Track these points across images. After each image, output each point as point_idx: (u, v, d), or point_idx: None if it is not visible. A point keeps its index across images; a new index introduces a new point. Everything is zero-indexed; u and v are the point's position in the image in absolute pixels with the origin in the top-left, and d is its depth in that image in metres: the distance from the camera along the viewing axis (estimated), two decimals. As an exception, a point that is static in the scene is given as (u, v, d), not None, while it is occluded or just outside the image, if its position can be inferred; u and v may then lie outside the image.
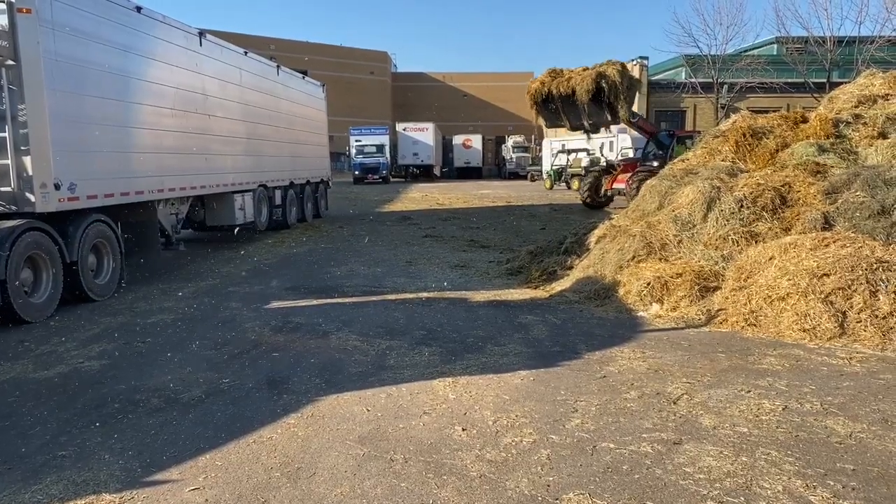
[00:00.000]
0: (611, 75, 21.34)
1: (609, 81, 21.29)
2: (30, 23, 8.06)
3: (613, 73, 21.35)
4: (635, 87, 22.58)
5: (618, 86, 21.25)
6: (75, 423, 5.02)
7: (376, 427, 4.86)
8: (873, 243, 7.60)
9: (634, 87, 22.51)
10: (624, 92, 21.35)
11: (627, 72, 21.97)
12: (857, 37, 38.80)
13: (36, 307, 8.27)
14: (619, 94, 21.26)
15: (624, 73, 21.60)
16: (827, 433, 4.59)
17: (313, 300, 9.28)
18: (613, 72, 21.40)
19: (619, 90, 21.25)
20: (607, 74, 21.36)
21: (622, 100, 21.35)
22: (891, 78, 12.01)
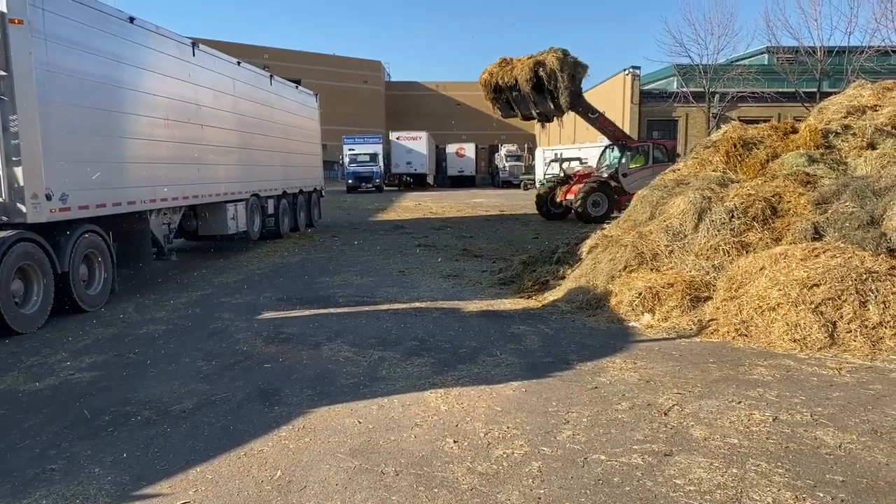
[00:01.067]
0: (549, 63, 20.73)
1: (547, 70, 20.72)
2: (22, 33, 8.04)
3: (552, 61, 20.72)
4: (580, 74, 21.45)
5: (556, 73, 20.63)
6: (65, 436, 5.00)
7: (368, 439, 4.85)
8: (863, 253, 7.65)
9: (579, 74, 21.42)
10: (564, 80, 20.70)
11: (570, 59, 21.08)
12: (847, 47, 39.10)
13: (26, 318, 8.23)
14: (559, 82, 20.66)
15: (565, 60, 20.83)
16: (817, 444, 4.62)
17: (305, 310, 9.26)
18: (552, 59, 20.78)
19: (559, 78, 20.62)
20: (545, 62, 20.80)
21: (563, 88, 20.71)
22: (879, 89, 12.11)
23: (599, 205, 21.64)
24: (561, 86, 20.71)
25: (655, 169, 21.89)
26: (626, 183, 21.98)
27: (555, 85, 20.77)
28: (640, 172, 22.15)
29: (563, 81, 20.66)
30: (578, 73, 21.30)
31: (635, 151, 23.12)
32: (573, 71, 20.97)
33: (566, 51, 21.11)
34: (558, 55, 20.82)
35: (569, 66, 20.81)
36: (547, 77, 20.79)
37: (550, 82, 20.81)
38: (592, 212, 21.34)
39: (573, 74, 20.99)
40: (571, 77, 20.89)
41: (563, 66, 20.65)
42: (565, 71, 20.69)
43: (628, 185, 21.87)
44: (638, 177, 21.98)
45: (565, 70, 20.69)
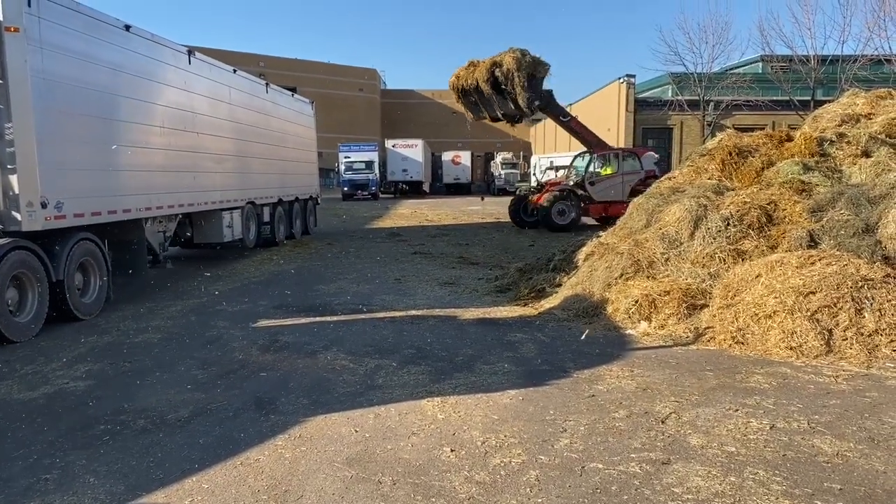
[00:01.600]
0: (505, 63, 20.37)
1: (503, 70, 20.37)
2: (17, 41, 8.03)
3: (508, 61, 20.33)
4: (540, 73, 20.92)
5: (513, 73, 20.20)
6: (60, 446, 4.97)
7: (364, 448, 4.83)
8: (858, 261, 7.66)
9: (539, 73, 20.88)
10: (520, 80, 20.23)
11: (528, 58, 20.53)
12: (840, 55, 39.32)
13: (21, 327, 8.20)
14: (515, 82, 20.27)
15: (522, 59, 20.33)
16: (814, 452, 4.61)
17: (301, 318, 9.24)
18: (508, 59, 20.38)
19: (515, 78, 20.22)
20: (501, 62, 20.44)
21: (519, 88, 20.31)
22: (873, 97, 12.17)
23: (565, 213, 21.31)
24: (517, 86, 20.32)
25: (626, 178, 21.76)
26: (593, 191, 21.68)
27: (512, 85, 20.41)
28: (609, 181, 21.87)
29: (520, 81, 20.25)
30: (539, 73, 20.88)
31: (605, 159, 22.66)
32: (532, 70, 20.56)
33: (525, 51, 20.68)
34: (515, 55, 20.44)
35: (527, 65, 20.39)
36: (504, 77, 20.43)
37: (507, 83, 20.46)
38: (558, 220, 21.09)
39: (532, 74, 20.57)
40: (530, 77, 20.46)
41: (519, 65, 20.27)
42: (522, 70, 20.29)
43: (596, 194, 21.59)
44: (607, 185, 21.74)
45: (522, 70, 20.29)
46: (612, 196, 21.55)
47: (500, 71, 20.47)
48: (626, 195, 21.33)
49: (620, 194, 21.45)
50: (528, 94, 20.44)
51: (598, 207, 21.74)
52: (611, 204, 21.50)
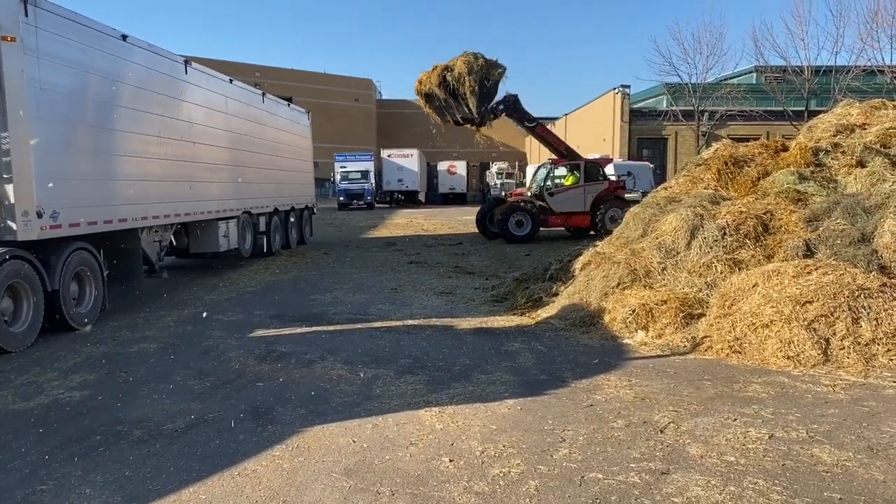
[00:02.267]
0: (456, 68, 20.10)
1: (454, 74, 20.08)
2: (14, 51, 8.03)
3: (458, 65, 20.03)
4: (494, 76, 20.46)
5: (464, 77, 19.87)
6: (56, 456, 4.93)
7: (362, 459, 4.81)
8: (854, 270, 7.68)
9: (493, 76, 20.43)
10: (470, 83, 19.87)
11: (480, 62, 20.14)
12: (834, 66, 39.57)
13: (16, 337, 8.15)
14: (466, 86, 19.93)
15: (474, 64, 19.97)
16: (813, 462, 4.61)
17: (298, 328, 9.21)
18: (459, 63, 20.07)
19: (465, 82, 19.90)
20: (453, 67, 20.16)
21: (470, 92, 19.99)
22: (867, 108, 12.24)
23: (523, 225, 20.91)
24: (468, 90, 20.01)
25: (587, 188, 21.44)
26: (553, 202, 21.36)
27: (464, 90, 20.10)
28: (569, 191, 21.57)
29: (470, 85, 19.95)
30: (492, 76, 20.53)
31: (568, 169, 22.30)
32: (485, 74, 20.23)
33: (478, 55, 20.38)
34: (467, 59, 20.18)
35: (478, 69, 20.05)
36: (455, 81, 20.16)
37: (459, 88, 20.17)
38: (516, 232, 20.78)
39: (485, 77, 20.25)
40: (482, 80, 20.14)
41: (470, 69, 19.97)
42: (473, 74, 19.98)
43: (556, 205, 21.31)
44: (567, 196, 21.46)
45: (473, 74, 19.98)
46: (573, 207, 21.35)
47: (451, 76, 20.16)
48: (588, 206, 21.31)
49: (582, 205, 21.29)
50: (478, 99, 20.10)
51: (559, 218, 21.49)
52: (571, 215, 21.36)
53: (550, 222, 21.55)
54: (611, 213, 21.14)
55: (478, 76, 20.04)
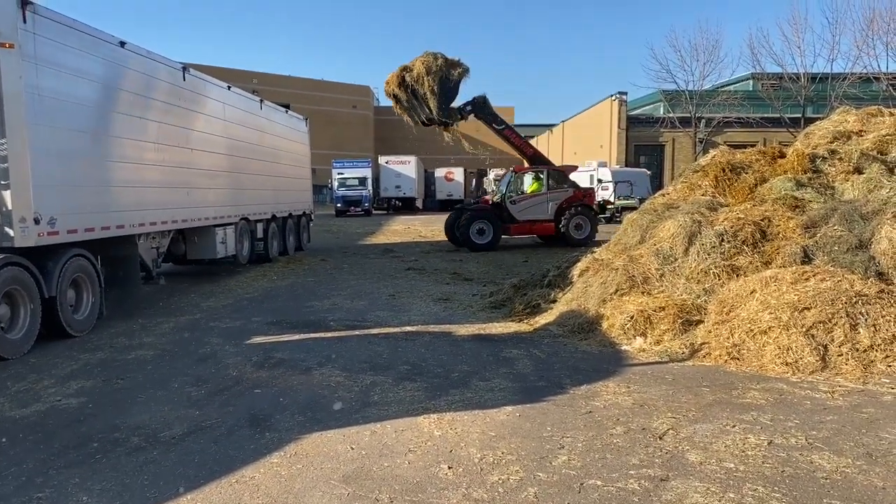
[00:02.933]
0: (415, 68, 19.84)
1: (413, 75, 19.81)
2: (12, 57, 8.03)
3: (417, 66, 19.75)
4: (454, 76, 20.01)
5: (423, 78, 19.59)
6: (53, 464, 4.91)
7: (361, 466, 4.79)
8: (852, 277, 7.70)
9: (453, 76, 19.98)
10: (429, 83, 19.58)
11: (440, 62, 19.77)
12: (830, 73, 39.78)
13: (12, 343, 8.12)
14: (425, 87, 19.67)
15: (433, 63, 19.64)
16: (812, 468, 4.60)
17: (296, 335, 9.20)
18: (418, 64, 19.78)
19: (425, 83, 19.69)
20: (412, 68, 19.89)
21: (429, 93, 19.72)
22: (864, 114, 12.29)
23: (485, 233, 20.66)
24: (427, 91, 19.76)
25: (551, 196, 21.23)
26: (514, 210, 21.08)
27: (422, 90, 19.87)
28: (532, 199, 21.34)
29: (429, 86, 19.68)
30: (452, 76, 20.14)
31: (533, 177, 22.02)
32: (445, 73, 19.89)
33: (438, 54, 20.03)
34: (426, 59, 19.87)
35: (437, 69, 19.73)
36: (414, 82, 19.94)
37: (418, 88, 19.95)
38: (477, 240, 20.58)
39: (445, 76, 19.91)
40: (442, 80, 19.83)
41: (429, 69, 19.68)
42: (432, 74, 19.68)
43: (518, 213, 21.06)
44: (529, 204, 21.23)
45: (432, 74, 19.69)
46: (536, 215, 21.16)
47: (410, 76, 19.94)
48: (552, 214, 21.10)
49: (545, 213, 21.12)
50: (439, 99, 19.83)
51: (522, 227, 21.27)
52: (535, 223, 21.19)
53: (513, 230, 21.28)
54: (576, 221, 21.04)
55: (437, 76, 19.75)
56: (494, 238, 20.75)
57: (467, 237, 20.70)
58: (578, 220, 21.16)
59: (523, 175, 22.25)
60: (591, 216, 21.60)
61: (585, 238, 20.94)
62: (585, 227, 21.28)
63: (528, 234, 21.71)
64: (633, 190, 34.95)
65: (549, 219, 21.23)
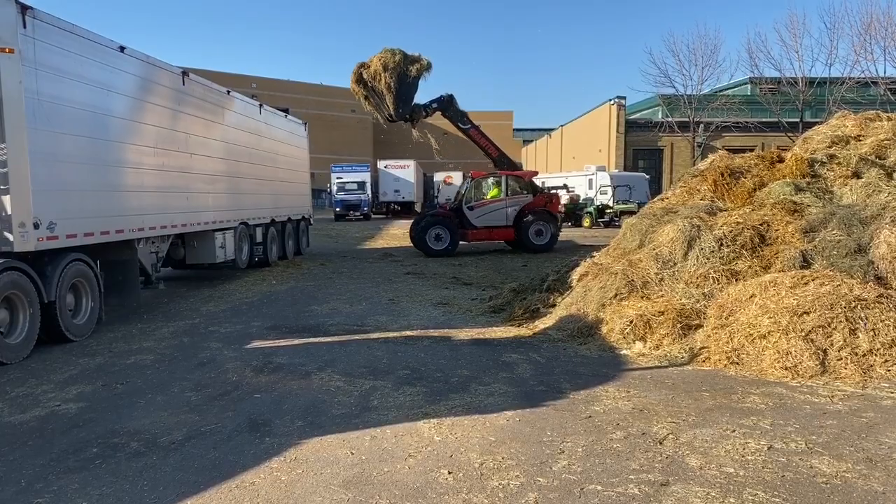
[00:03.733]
0: (372, 65, 19.67)
1: (370, 72, 19.65)
2: (12, 62, 8.03)
3: (374, 62, 19.59)
4: (412, 71, 19.81)
5: (380, 74, 19.47)
6: (52, 469, 4.90)
7: (361, 471, 4.79)
8: (851, 281, 7.71)
9: (411, 72, 19.78)
10: (388, 81, 19.41)
11: (398, 58, 19.59)
12: (828, 78, 39.87)
13: (11, 348, 8.11)
14: (382, 84, 19.49)
15: (390, 60, 19.48)
16: (813, 473, 4.60)
17: (295, 339, 9.19)
18: (375, 60, 19.61)
19: (382, 79, 19.42)
20: (369, 64, 19.72)
21: (386, 90, 19.57)
22: (862, 119, 12.30)
23: (442, 238, 20.52)
24: (383, 87, 19.58)
25: (510, 202, 21.00)
26: (472, 216, 20.95)
27: (379, 87, 19.70)
28: (490, 205, 21.16)
29: (386, 82, 19.51)
30: (411, 72, 19.88)
31: (492, 183, 21.89)
32: (403, 69, 19.67)
33: (396, 50, 19.82)
34: (383, 55, 19.72)
35: (395, 65, 19.53)
36: (371, 79, 19.80)
37: (376, 84, 19.78)
38: (434, 246, 20.44)
39: (404, 73, 19.70)
40: (400, 76, 19.64)
41: (385, 66, 19.48)
42: (390, 71, 19.50)
43: (475, 219, 20.90)
44: (487, 210, 21.04)
45: (390, 70, 19.49)
46: (494, 221, 20.97)
47: (367, 73, 19.79)
48: (511, 220, 20.91)
49: (503, 219, 20.95)
50: (396, 95, 19.66)
51: (480, 233, 21.11)
52: (493, 229, 21.02)
53: (470, 236, 21.10)
54: (536, 227, 20.85)
55: (395, 72, 19.56)
56: (451, 244, 20.53)
57: (423, 243, 20.57)
58: (539, 227, 20.93)
59: (480, 181, 22.01)
60: (552, 222, 21.28)
61: (546, 245, 20.82)
62: (546, 234, 21.05)
63: (486, 240, 21.49)
64: (631, 194, 35.03)
65: (507, 225, 21.00)
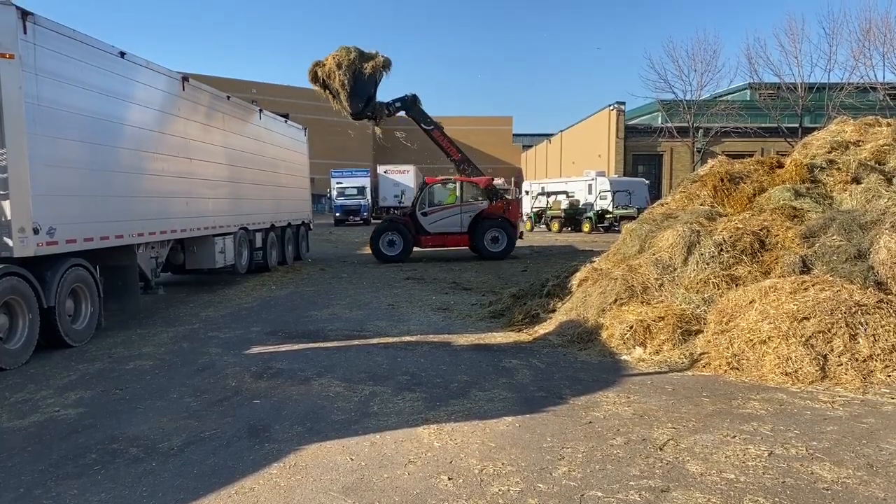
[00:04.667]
0: (327, 63, 19.55)
1: (325, 70, 19.53)
2: (12, 68, 8.04)
3: (329, 61, 19.51)
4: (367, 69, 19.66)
5: (334, 73, 19.40)
6: (51, 475, 4.88)
7: (360, 477, 4.78)
8: (851, 287, 7.70)
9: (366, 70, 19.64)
10: (343, 79, 19.34)
11: (353, 55, 19.50)
12: (827, 83, 39.94)
13: (11, 354, 8.09)
14: (336, 82, 19.40)
15: (344, 59, 19.40)
16: (813, 479, 4.59)
17: (294, 345, 9.18)
18: (330, 59, 19.53)
19: (336, 77, 19.36)
20: (324, 63, 19.59)
21: (340, 87, 19.46)
22: (861, 125, 12.33)
23: (395, 244, 20.41)
24: (338, 85, 19.46)
25: (465, 208, 20.77)
26: (426, 222, 20.73)
27: (334, 86, 19.59)
28: (444, 211, 20.90)
29: (340, 80, 19.38)
30: (365, 68, 19.63)
31: (447, 188, 21.59)
32: (357, 67, 19.48)
33: (351, 48, 19.65)
34: (338, 53, 19.56)
35: (349, 63, 19.38)
36: (326, 77, 19.65)
37: (331, 83, 19.66)
38: (387, 251, 20.36)
39: (359, 70, 19.50)
40: (355, 74, 19.46)
41: (339, 64, 19.35)
42: (344, 69, 19.36)
43: (429, 225, 20.70)
44: (441, 216, 20.83)
45: (344, 68, 19.36)
46: (448, 227, 20.78)
47: (322, 71, 19.63)
48: (465, 227, 20.70)
49: (458, 225, 20.76)
50: (351, 93, 19.50)
51: (434, 239, 20.93)
52: (447, 235, 20.86)
53: (424, 242, 20.94)
54: (492, 234, 20.72)
55: (349, 70, 19.42)
56: (404, 251, 20.43)
57: (377, 248, 20.48)
58: (495, 234, 20.78)
59: (434, 187, 21.81)
60: (508, 229, 21.05)
61: (501, 252, 20.69)
62: (502, 241, 20.87)
63: (441, 246, 21.33)
64: (631, 199, 35.07)
65: (462, 231, 20.84)
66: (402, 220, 21.33)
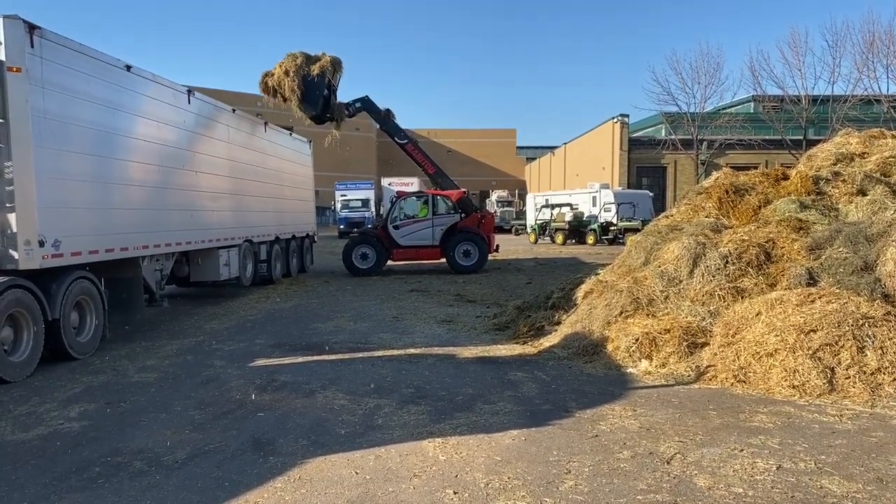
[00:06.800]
0: (275, 72, 19.13)
1: (274, 79, 19.29)
2: (19, 81, 8.08)
3: (277, 70, 19.19)
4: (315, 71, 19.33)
5: (282, 81, 19.03)
6: (55, 488, 4.86)
7: (365, 491, 4.74)
8: (858, 299, 7.66)
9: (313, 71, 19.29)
10: (292, 84, 18.91)
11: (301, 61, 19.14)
12: (831, 96, 39.94)
13: (15, 366, 8.08)
14: (286, 89, 19.04)
15: (291, 65, 19.03)
16: (822, 493, 4.54)
17: (299, 357, 9.16)
18: (277, 68, 19.21)
19: (285, 85, 18.98)
20: (273, 73, 19.33)
21: (291, 93, 19.07)
22: (866, 137, 12.32)
23: (368, 258, 20.40)
24: (288, 90, 19.17)
25: (437, 221, 20.74)
26: (397, 235, 20.72)
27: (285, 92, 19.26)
28: (416, 225, 20.88)
29: (289, 86, 19.09)
30: (312, 70, 19.29)
31: (420, 202, 21.58)
32: (304, 70, 19.24)
33: (297, 54, 19.37)
34: (285, 61, 19.29)
35: (296, 68, 19.13)
36: (276, 85, 19.38)
37: (281, 90, 19.33)
38: (359, 265, 20.31)
39: (306, 73, 19.25)
40: (304, 78, 19.21)
41: (286, 71, 19.10)
42: (291, 75, 19.09)
43: (401, 238, 20.65)
44: (413, 229, 20.74)
45: (291, 75, 19.09)
46: (420, 240, 20.73)
47: (271, 80, 19.41)
48: (437, 240, 20.67)
49: (430, 238, 20.73)
50: (302, 97, 19.28)
51: (406, 252, 20.91)
52: (420, 248, 20.82)
53: (396, 256, 20.90)
54: (464, 247, 20.64)
55: (297, 75, 19.22)
56: (376, 264, 20.43)
57: (349, 262, 20.46)
58: (466, 247, 20.70)
59: (404, 200, 21.86)
60: (480, 243, 20.94)
61: (473, 265, 20.59)
62: (473, 255, 20.74)
63: (413, 259, 21.34)
64: (635, 212, 35.06)
65: (433, 244, 20.80)
66: (375, 234, 21.39)
